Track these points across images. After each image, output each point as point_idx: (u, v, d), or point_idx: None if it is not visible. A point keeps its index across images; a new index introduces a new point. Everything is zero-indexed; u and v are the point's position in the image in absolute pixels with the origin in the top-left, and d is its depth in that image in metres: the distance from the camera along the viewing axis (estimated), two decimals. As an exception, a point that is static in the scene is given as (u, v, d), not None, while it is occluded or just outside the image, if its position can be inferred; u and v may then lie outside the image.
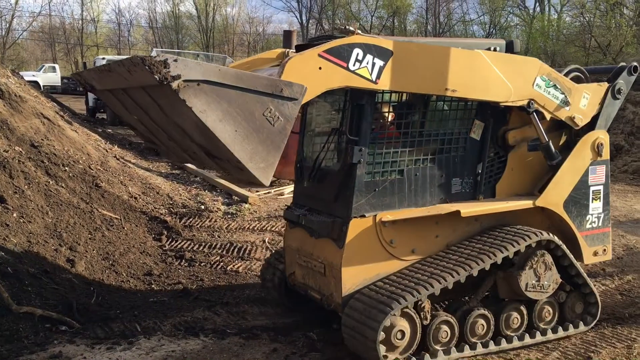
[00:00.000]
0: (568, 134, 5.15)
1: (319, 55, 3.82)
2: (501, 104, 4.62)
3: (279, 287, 5.38)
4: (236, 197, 9.87)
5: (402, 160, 4.46)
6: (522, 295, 4.61)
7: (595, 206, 5.15)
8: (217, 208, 9.14)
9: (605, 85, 5.17)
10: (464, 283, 4.32)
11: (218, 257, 7.01)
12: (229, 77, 3.20)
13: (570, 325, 4.90)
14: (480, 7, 42.98)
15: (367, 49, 3.97)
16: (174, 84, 3.03)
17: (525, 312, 4.71)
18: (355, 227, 4.32)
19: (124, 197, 8.33)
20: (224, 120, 3.22)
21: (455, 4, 44.62)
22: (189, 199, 9.62)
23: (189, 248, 7.31)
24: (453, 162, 4.68)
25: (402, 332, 4.15)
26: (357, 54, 3.92)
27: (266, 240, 7.63)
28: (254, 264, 6.81)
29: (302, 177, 4.91)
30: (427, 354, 4.26)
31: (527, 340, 4.69)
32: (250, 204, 9.42)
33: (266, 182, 3.46)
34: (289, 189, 10.54)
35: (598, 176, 5.14)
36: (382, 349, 4.05)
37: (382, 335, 4.03)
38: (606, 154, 5.14)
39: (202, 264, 6.75)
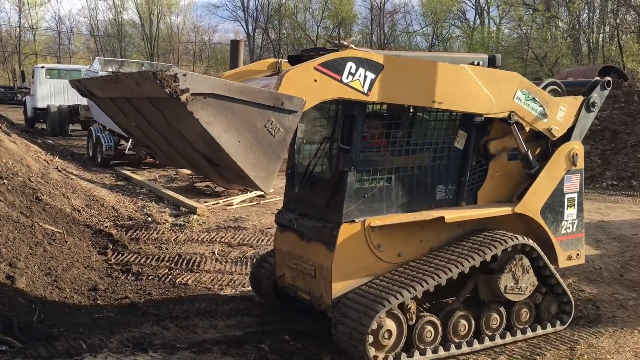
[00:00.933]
0: (544, 144, 5.37)
1: (315, 69, 4.02)
2: (484, 115, 4.86)
3: (269, 288, 5.52)
4: (184, 209, 9.71)
5: (390, 168, 4.67)
6: (501, 297, 4.84)
7: (570, 213, 5.42)
8: (165, 220, 8.97)
9: (581, 98, 5.44)
10: (447, 285, 4.51)
11: (166, 270, 6.87)
12: (233, 90, 3.38)
13: (548, 324, 5.18)
14: (423, 19, 43.96)
15: (360, 62, 4.17)
16: (183, 97, 3.18)
17: (504, 312, 4.94)
18: (345, 231, 4.51)
19: (67, 210, 8.07)
20: (229, 131, 3.39)
21: (399, 16, 45.46)
22: (135, 211, 9.41)
23: (136, 261, 7.14)
24: (438, 170, 4.90)
25: (390, 332, 4.33)
26: (350, 67, 4.12)
27: (216, 252, 7.53)
28: (204, 276, 6.70)
29: (293, 183, 5.06)
30: (404, 354, 4.44)
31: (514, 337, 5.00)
32: (198, 215, 9.28)
33: (267, 190, 3.68)
34: (237, 200, 10.46)
35: (573, 184, 5.41)
36: (371, 351, 4.23)
37: (370, 339, 4.21)
38: (580, 163, 5.42)
39: (150, 278, 6.60)
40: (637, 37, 28.23)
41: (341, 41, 4.30)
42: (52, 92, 22.22)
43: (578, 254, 5.55)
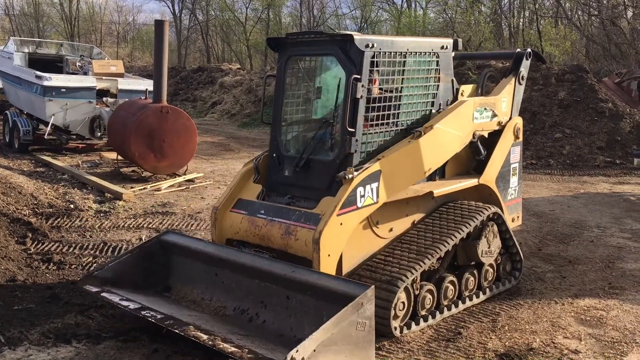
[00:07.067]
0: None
1: (338, 215, 4.51)
2: (458, 151, 5.44)
3: None
4: (109, 194, 9.40)
5: (384, 148, 5.02)
6: (477, 260, 5.35)
7: (514, 180, 6.13)
8: (89, 206, 8.66)
9: (511, 78, 6.10)
10: None
11: (90, 258, 6.63)
12: (330, 327, 3.81)
13: (506, 281, 5.77)
14: (352, 2, 44.08)
15: (364, 182, 4.66)
16: None
17: (476, 274, 5.42)
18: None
19: (-19, 198, 7.64)
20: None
21: (328, -2, 45.32)
22: (56, 198, 9.03)
23: (58, 250, 6.86)
24: None
25: (403, 303, 4.73)
26: (360, 191, 4.64)
27: (143, 238, 7.33)
28: (130, 263, 6.52)
29: (281, 167, 5.27)
30: (413, 322, 4.86)
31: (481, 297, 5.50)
32: (124, 200, 9.01)
33: None
34: (166, 185, 10.22)
35: (516, 155, 6.13)
36: (393, 324, 4.62)
37: (392, 313, 4.58)
38: (521, 136, 6.13)
39: (73, 267, 6.36)
40: (554, 22, 29.42)
41: (345, 174, 4.62)
42: (-37, 75, 20.87)
43: (518, 216, 6.30)
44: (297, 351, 3.64)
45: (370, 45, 4.82)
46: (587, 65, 19.34)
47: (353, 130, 4.77)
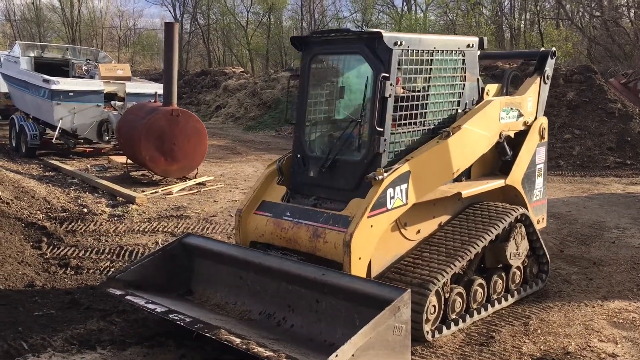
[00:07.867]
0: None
1: (368, 217, 4.42)
2: (485, 151, 5.37)
3: None
4: (121, 198, 9.30)
5: (412, 149, 4.95)
6: (505, 263, 5.26)
7: (539, 181, 6.02)
8: (102, 210, 8.56)
9: (536, 77, 6.04)
10: None
11: (108, 263, 6.53)
12: (368, 331, 3.74)
13: (534, 284, 5.64)
14: (352, 5, 44.07)
15: (394, 183, 4.58)
16: None
17: (504, 276, 5.31)
18: None
19: (-6, 203, 7.54)
20: None
21: (329, 2, 45.31)
22: (69, 202, 8.92)
23: (74, 255, 6.75)
24: None
25: (434, 307, 4.65)
26: (390, 193, 4.55)
27: (159, 242, 7.23)
28: (149, 268, 6.42)
29: (306, 167, 5.21)
30: (444, 326, 4.77)
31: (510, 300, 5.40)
32: (137, 204, 8.91)
33: None
34: (177, 188, 10.13)
35: (541, 156, 6.02)
36: (425, 328, 4.53)
37: (424, 316, 4.51)
38: (546, 136, 6.04)
39: (91, 271, 6.26)
40: (555, 24, 29.38)
41: (375, 176, 4.55)
42: (-33, 80, 20.76)
43: (543, 218, 6.19)
44: (336, 356, 3.55)
45: (399, 43, 4.74)
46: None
47: (382, 129, 4.69)
